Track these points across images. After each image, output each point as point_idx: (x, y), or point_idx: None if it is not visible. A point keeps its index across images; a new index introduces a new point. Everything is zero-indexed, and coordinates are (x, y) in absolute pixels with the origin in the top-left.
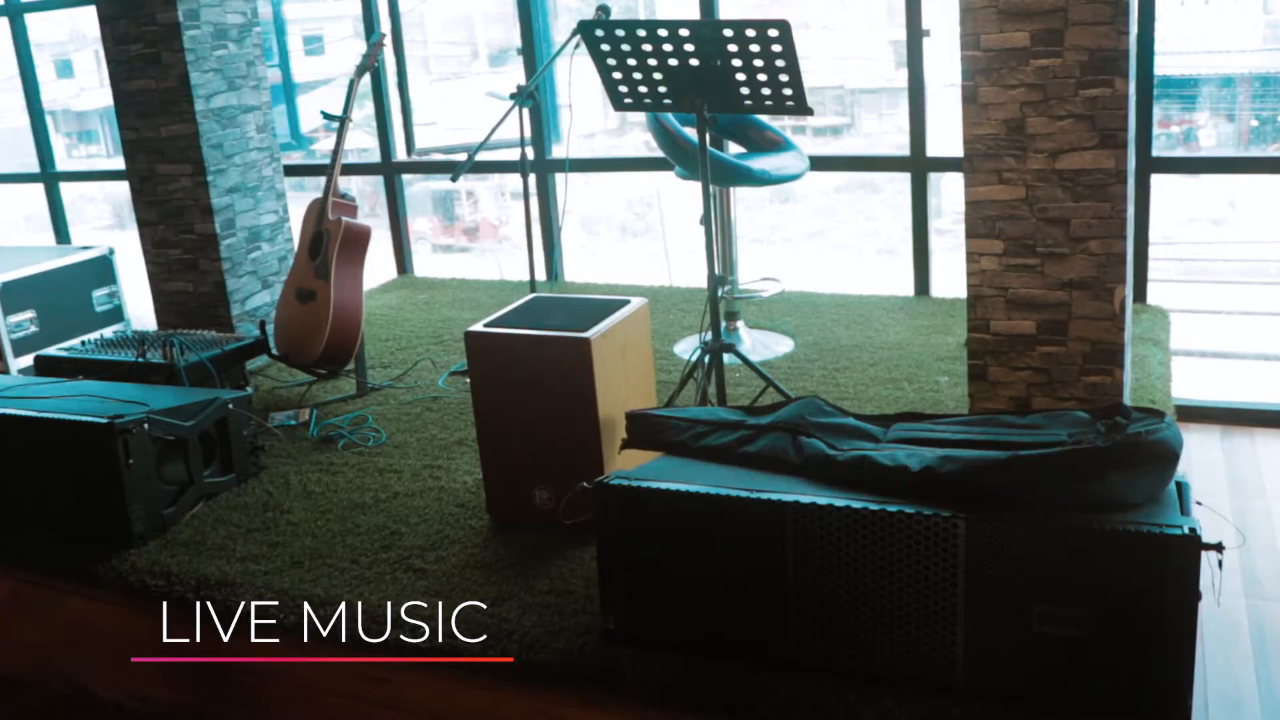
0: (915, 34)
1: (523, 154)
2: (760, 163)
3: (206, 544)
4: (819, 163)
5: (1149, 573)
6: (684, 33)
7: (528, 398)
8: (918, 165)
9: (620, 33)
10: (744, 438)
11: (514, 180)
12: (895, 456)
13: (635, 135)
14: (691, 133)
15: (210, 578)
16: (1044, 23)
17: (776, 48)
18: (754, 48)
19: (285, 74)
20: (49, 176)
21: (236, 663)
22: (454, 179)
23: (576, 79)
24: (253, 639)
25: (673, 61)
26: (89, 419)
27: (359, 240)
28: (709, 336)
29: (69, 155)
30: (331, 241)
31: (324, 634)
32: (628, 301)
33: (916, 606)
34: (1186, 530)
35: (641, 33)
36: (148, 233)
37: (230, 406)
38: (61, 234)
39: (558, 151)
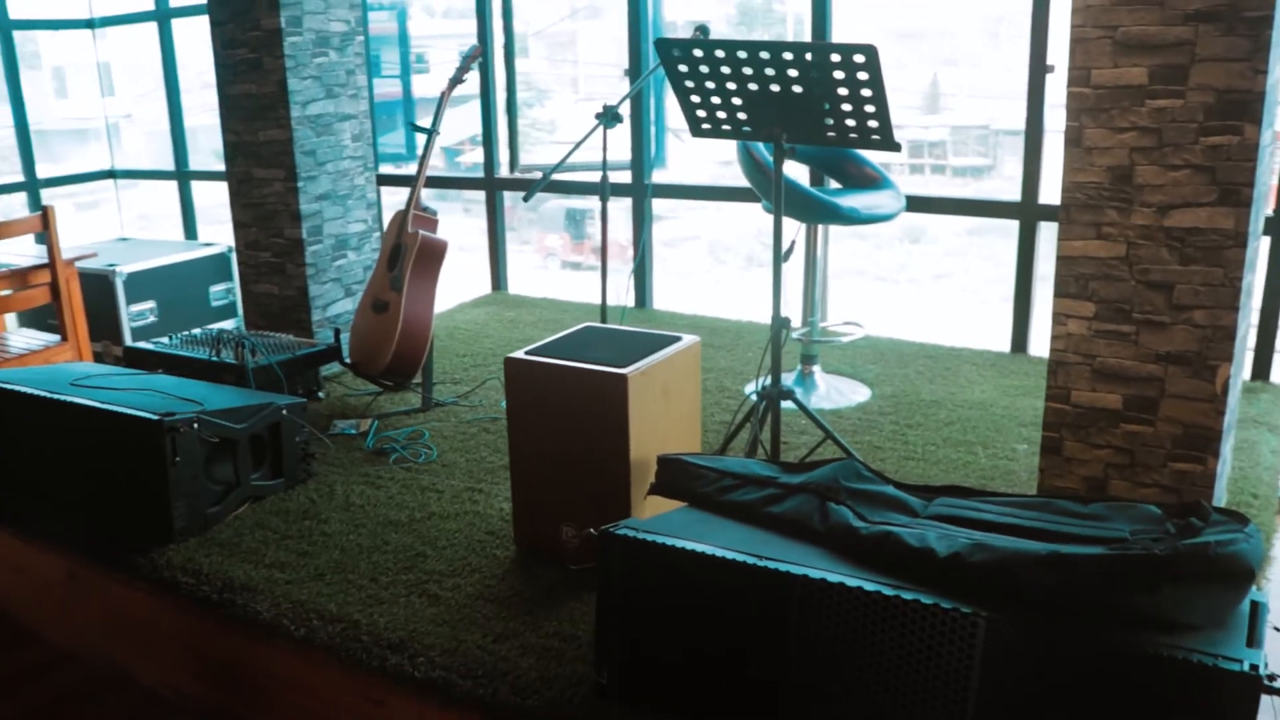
0: (1038, 69)
1: (603, 178)
2: (851, 200)
3: (241, 546)
4: (923, 204)
5: (1193, 712)
6: (764, 55)
7: (561, 431)
8: (1028, 213)
9: (698, 53)
10: (771, 497)
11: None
12: (924, 537)
13: None
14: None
15: (235, 580)
16: (1166, 58)
17: (863, 75)
18: (838, 74)
19: (406, 88)
20: (181, 175)
21: (253, 665)
22: (526, 199)
23: None
24: (267, 645)
25: (752, 86)
26: (141, 414)
27: (434, 254)
28: (768, 381)
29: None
30: (408, 254)
31: (329, 650)
32: (678, 339)
33: (921, 706)
34: (1247, 666)
35: (720, 54)
36: (242, 234)
37: (284, 412)
38: (190, 230)
39: (658, 176)
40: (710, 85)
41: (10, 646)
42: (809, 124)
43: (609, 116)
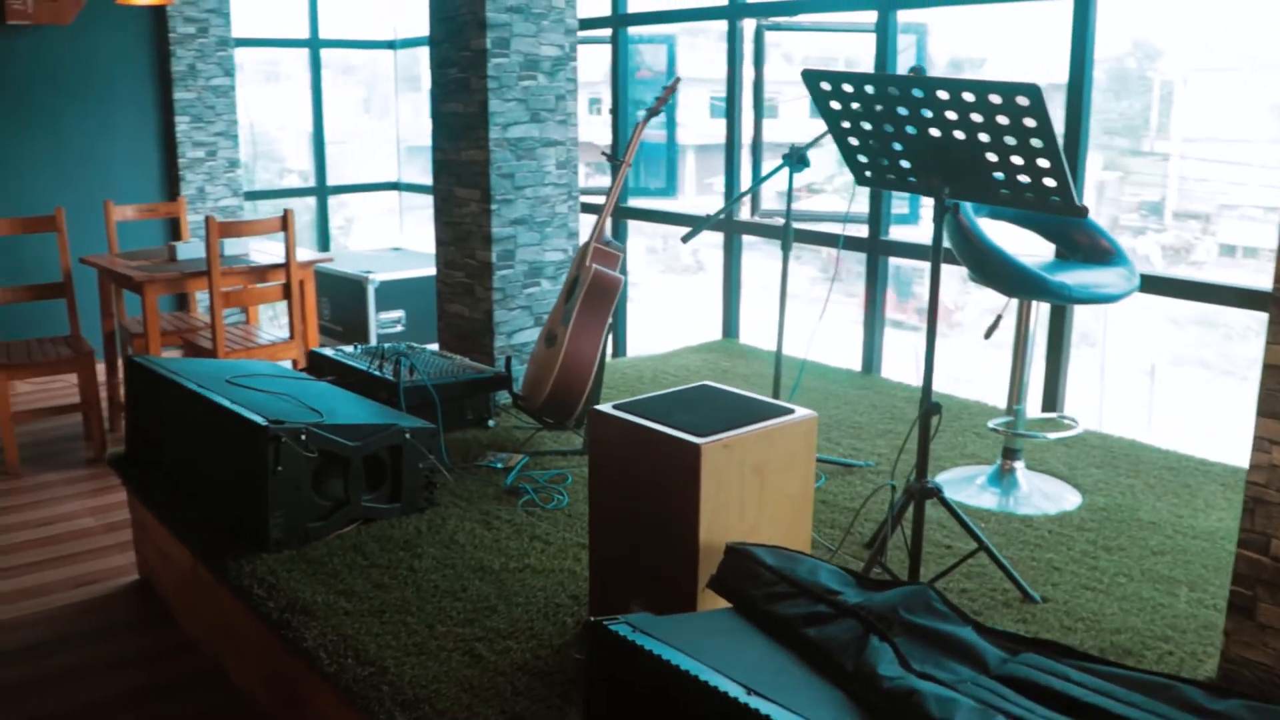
0: None
1: (786, 224)
2: (1067, 276)
3: (326, 567)
4: (1156, 285)
5: None
6: (917, 93)
7: (638, 497)
8: None
9: (847, 87)
10: (817, 615)
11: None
12: (953, 706)
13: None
14: (987, 226)
15: (299, 601)
16: None
17: (1029, 121)
18: (1001, 119)
19: (670, 129)
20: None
21: (303, 691)
22: (685, 240)
23: None
24: (309, 673)
25: (910, 129)
26: (253, 418)
27: (606, 291)
28: (914, 475)
29: None
30: (580, 288)
31: (348, 693)
32: (789, 411)
33: None
34: None
35: (869, 89)
36: (441, 252)
37: (407, 436)
38: None
39: (909, 233)
40: (866, 126)
41: (154, 623)
42: (976, 178)
43: (795, 159)
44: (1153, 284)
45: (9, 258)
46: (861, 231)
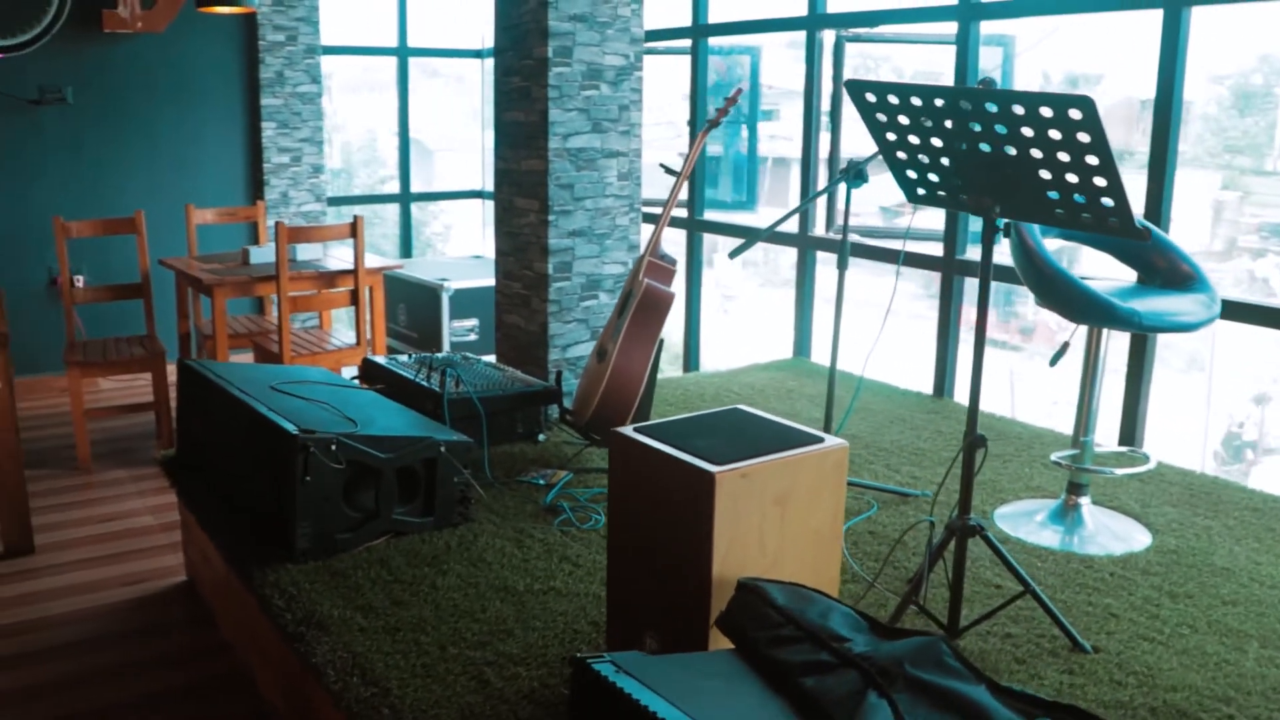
0: None
1: (843, 241)
2: (1140, 302)
3: (349, 580)
4: (1240, 312)
5: None
6: (965, 105)
7: (654, 526)
8: None
9: (893, 99)
10: (817, 664)
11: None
12: None
13: None
14: (1053, 246)
15: (316, 614)
16: None
17: (1083, 136)
18: (1054, 134)
19: (752, 142)
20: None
21: (315, 705)
22: (732, 256)
23: None
24: (317, 689)
25: (960, 144)
26: (285, 425)
27: (656, 306)
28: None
29: None
30: (631, 301)
31: (348, 713)
32: (819, 439)
33: None
34: None
35: (916, 100)
36: (500, 263)
37: (442, 449)
38: None
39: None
40: (914, 140)
41: (194, 625)
42: (1029, 197)
43: (853, 174)
44: (1236, 311)
45: (98, 259)
46: (936, 250)
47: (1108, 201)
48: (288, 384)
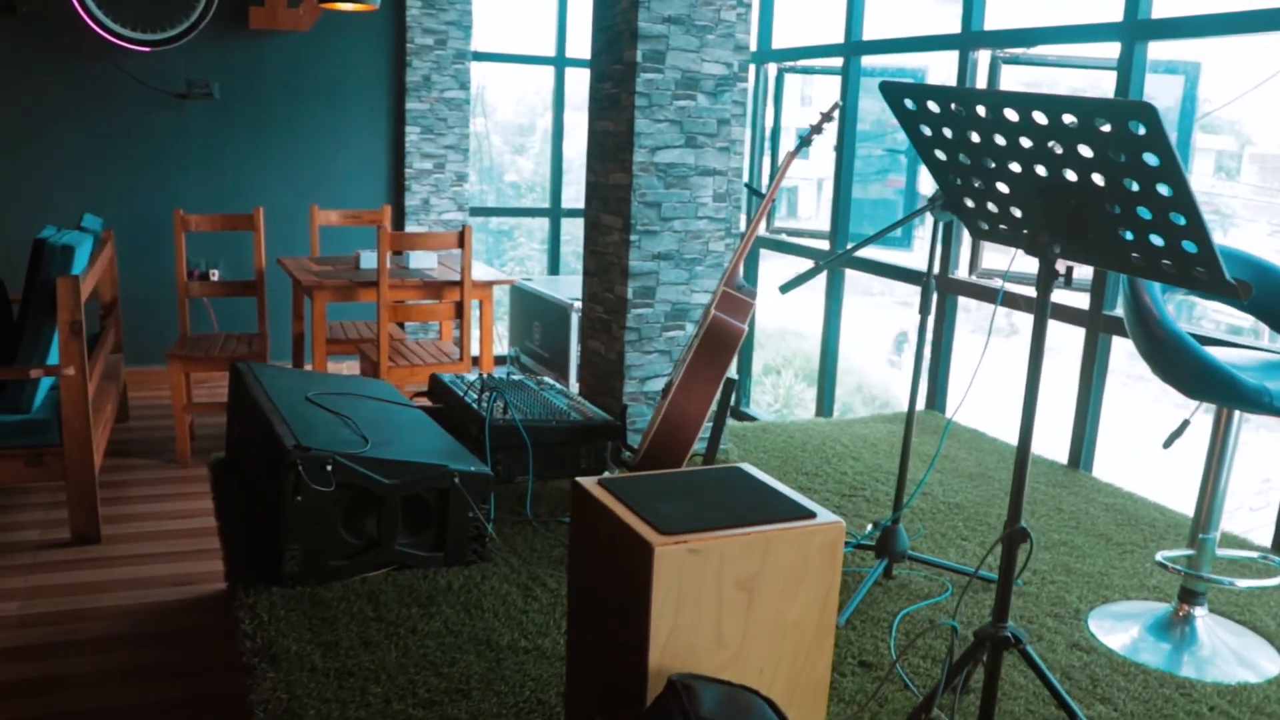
0: None
1: (927, 279)
2: (1275, 380)
3: (328, 611)
4: None
5: None
6: (1011, 115)
7: (606, 596)
8: None
9: (933, 106)
10: None
11: None
12: None
13: None
14: (1171, 309)
15: (274, 647)
16: None
17: (1150, 158)
18: (1118, 154)
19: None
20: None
21: None
22: (783, 291)
23: None
24: None
25: (1015, 166)
26: (284, 438)
27: (722, 342)
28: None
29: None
30: (698, 334)
31: None
32: (809, 515)
33: None
34: None
35: (959, 109)
36: (586, 283)
37: (455, 480)
38: None
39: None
40: (965, 160)
41: (212, 635)
42: (1098, 235)
43: (938, 204)
44: None
45: (236, 253)
46: (1083, 301)
47: (1189, 246)
48: (327, 395)
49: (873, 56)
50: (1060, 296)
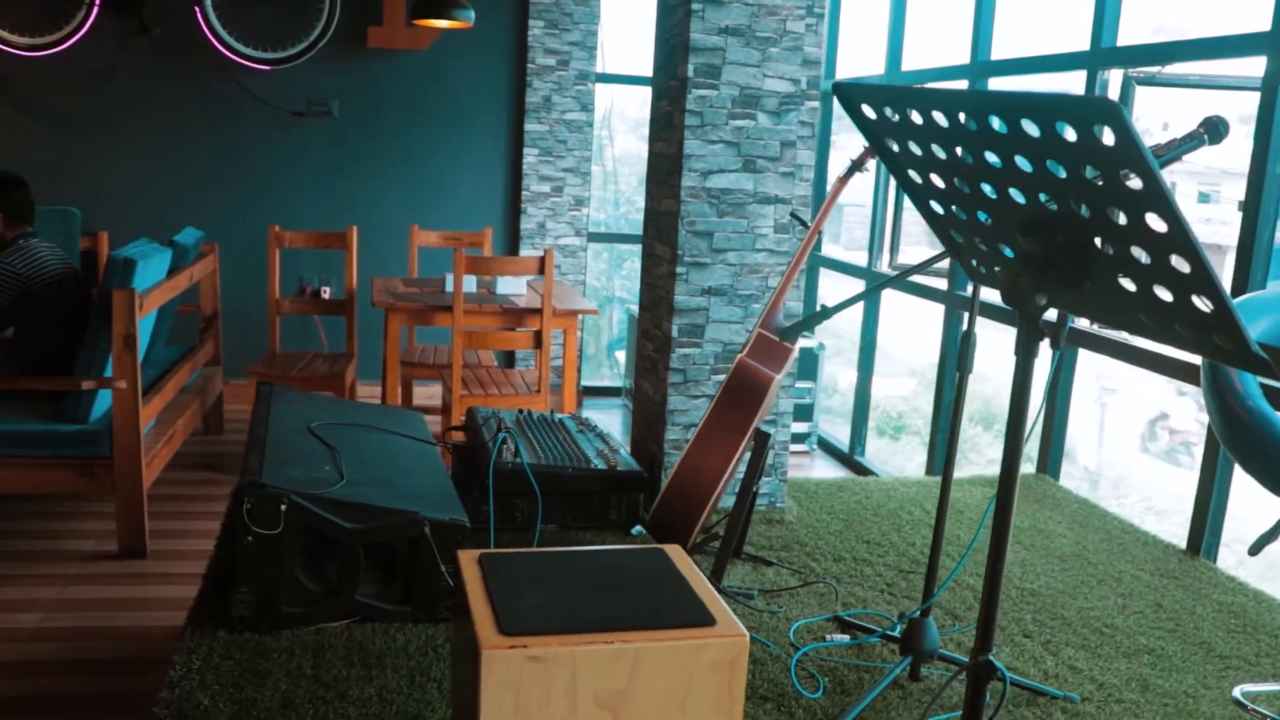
0: None
1: (965, 335)
2: None
3: (264, 663)
4: None
5: None
6: (967, 120)
7: (462, 694)
8: None
9: (891, 113)
10: None
11: None
12: None
13: None
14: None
15: (187, 699)
16: None
17: (1134, 182)
18: (1092, 172)
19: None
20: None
21: None
22: (788, 340)
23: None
24: None
25: (985, 188)
26: (248, 471)
27: (748, 389)
28: None
29: None
30: (727, 380)
31: None
32: (709, 622)
33: None
34: None
35: (916, 117)
36: (640, 318)
37: (425, 530)
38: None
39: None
40: (938, 182)
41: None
42: (1095, 282)
43: None
44: None
45: (340, 271)
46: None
47: (1202, 305)
48: (335, 426)
49: (1000, 78)
50: (1180, 354)
